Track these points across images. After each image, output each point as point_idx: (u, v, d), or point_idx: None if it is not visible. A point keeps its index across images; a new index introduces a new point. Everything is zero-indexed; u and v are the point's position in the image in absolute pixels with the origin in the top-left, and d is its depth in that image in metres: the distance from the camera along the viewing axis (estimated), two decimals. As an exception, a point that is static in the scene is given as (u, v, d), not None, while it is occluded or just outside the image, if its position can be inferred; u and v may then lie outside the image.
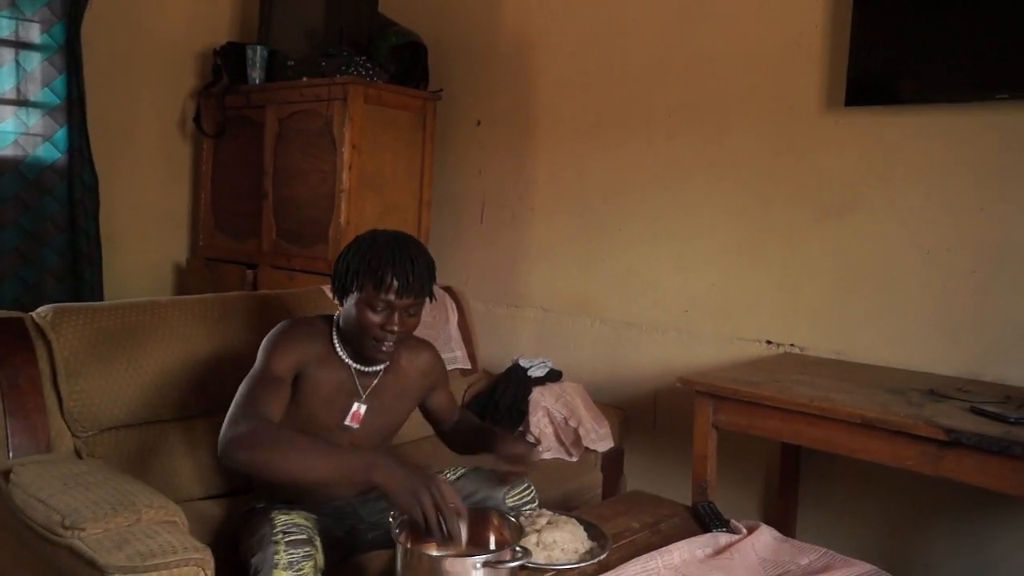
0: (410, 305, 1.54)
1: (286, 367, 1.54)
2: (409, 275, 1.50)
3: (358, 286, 1.52)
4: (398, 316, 1.52)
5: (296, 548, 1.42)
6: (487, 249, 3.22)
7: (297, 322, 1.64)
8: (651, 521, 1.74)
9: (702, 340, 2.61)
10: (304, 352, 1.57)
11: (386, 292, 1.50)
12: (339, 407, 1.63)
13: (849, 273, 2.33)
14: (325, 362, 1.60)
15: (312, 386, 1.59)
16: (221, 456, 1.37)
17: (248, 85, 3.22)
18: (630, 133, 2.79)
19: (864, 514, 2.33)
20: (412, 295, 1.52)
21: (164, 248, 3.56)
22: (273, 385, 1.50)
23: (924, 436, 1.61)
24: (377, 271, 1.50)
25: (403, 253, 1.52)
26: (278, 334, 1.59)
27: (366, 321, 1.52)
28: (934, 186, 2.19)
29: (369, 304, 1.51)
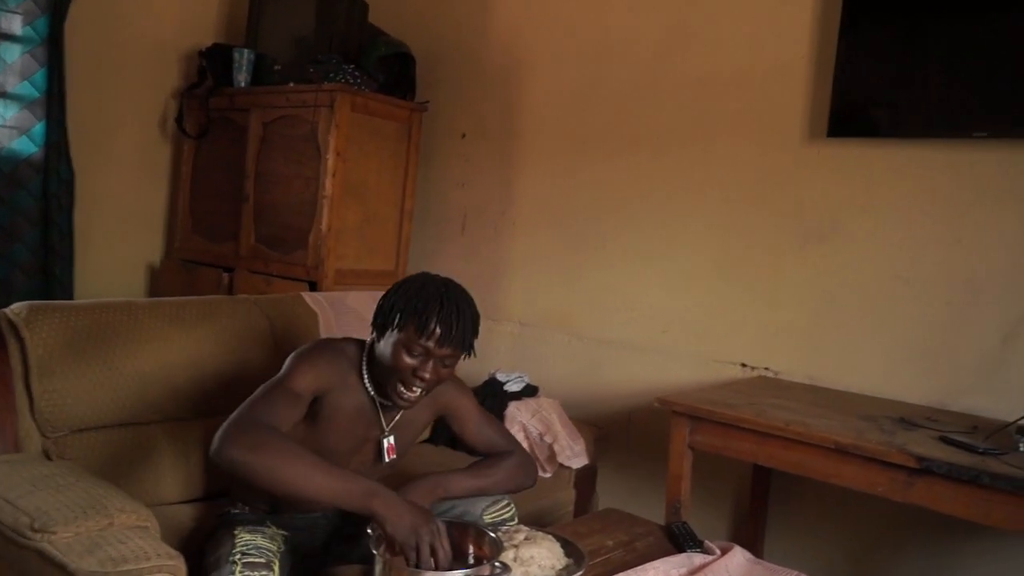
0: (448, 356, 1.50)
1: (308, 385, 1.50)
2: (454, 325, 1.47)
3: (400, 326, 1.48)
4: (432, 364, 1.48)
5: (253, 571, 1.38)
6: (467, 262, 3.22)
7: (330, 343, 1.60)
8: (626, 539, 1.74)
9: (679, 360, 2.64)
10: (331, 375, 1.53)
11: (427, 338, 1.46)
12: (354, 436, 1.60)
13: (826, 300, 2.37)
14: (350, 389, 1.57)
15: (332, 411, 1.55)
16: (214, 453, 1.32)
17: (233, 88, 3.20)
18: (615, 152, 2.82)
19: (831, 538, 2.36)
20: (452, 346, 1.48)
21: (138, 248, 3.51)
22: (289, 397, 1.46)
23: (896, 463, 1.63)
24: (423, 315, 1.46)
25: (451, 302, 1.49)
26: (309, 350, 1.55)
27: (400, 363, 1.48)
28: (912, 218, 2.24)
29: (407, 347, 1.48)
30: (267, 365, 2.05)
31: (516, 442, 1.81)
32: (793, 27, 2.43)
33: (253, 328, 2.10)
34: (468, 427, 1.74)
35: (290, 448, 1.33)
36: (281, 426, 1.40)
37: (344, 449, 1.60)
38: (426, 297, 1.48)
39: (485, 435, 1.75)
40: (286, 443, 1.34)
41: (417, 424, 1.70)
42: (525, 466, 1.74)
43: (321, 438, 1.56)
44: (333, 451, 1.57)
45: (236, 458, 1.31)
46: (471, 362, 2.98)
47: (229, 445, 1.32)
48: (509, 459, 1.71)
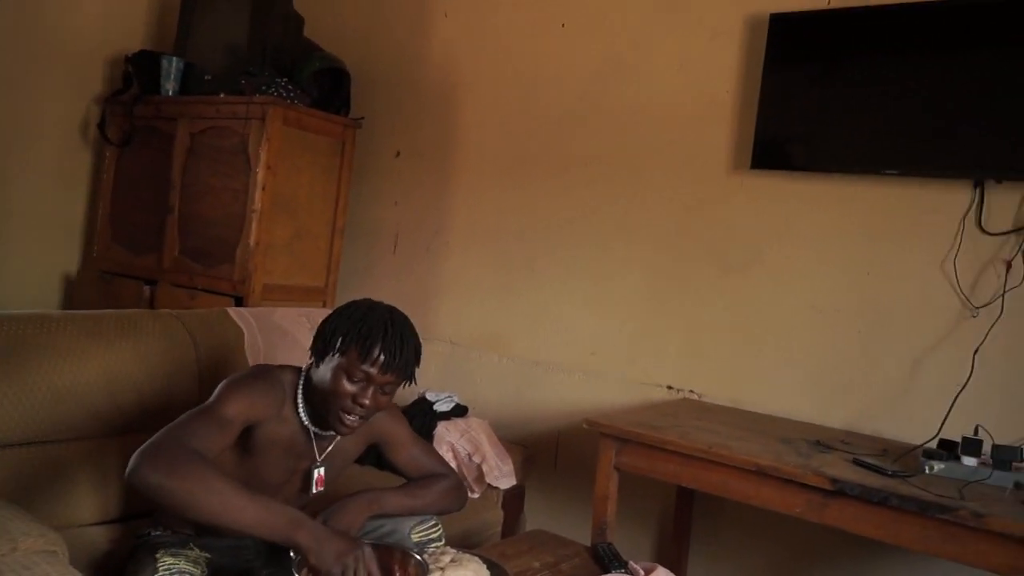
0: (388, 383, 1.48)
1: (239, 413, 1.44)
2: (397, 352, 1.46)
3: (342, 351, 1.46)
4: (373, 392, 1.47)
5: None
6: (399, 280, 3.20)
7: (266, 371, 1.55)
8: (552, 561, 1.75)
9: (607, 382, 2.68)
10: (265, 406, 1.49)
11: (370, 364, 1.44)
12: (285, 468, 1.57)
13: (747, 326, 2.45)
14: (284, 420, 1.53)
15: (264, 442, 1.51)
16: (129, 474, 1.24)
17: (160, 96, 3.12)
18: (548, 176, 2.86)
19: (752, 557, 2.43)
20: (394, 373, 1.47)
21: (54, 257, 3.36)
22: (217, 423, 1.39)
23: (812, 485, 1.70)
24: (367, 341, 1.44)
25: (396, 329, 1.48)
26: (244, 377, 1.50)
27: (340, 389, 1.45)
28: (827, 249, 2.34)
29: (348, 372, 1.45)
30: (190, 383, 1.99)
31: (449, 467, 1.80)
32: (721, 63, 2.52)
33: (176, 344, 2.03)
34: (401, 454, 1.72)
35: (211, 474, 1.26)
36: (207, 452, 1.33)
37: (274, 481, 1.56)
38: (371, 323, 1.46)
39: (419, 462, 1.74)
40: (208, 469, 1.27)
41: (349, 453, 1.68)
42: (458, 490, 1.74)
43: (250, 469, 1.52)
44: (262, 482, 1.53)
45: (152, 482, 1.23)
46: (400, 381, 2.99)
47: (146, 467, 1.24)
48: (443, 482, 1.71)
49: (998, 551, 1.52)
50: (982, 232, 2.12)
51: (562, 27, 2.85)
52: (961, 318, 2.14)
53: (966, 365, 2.07)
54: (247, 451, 1.51)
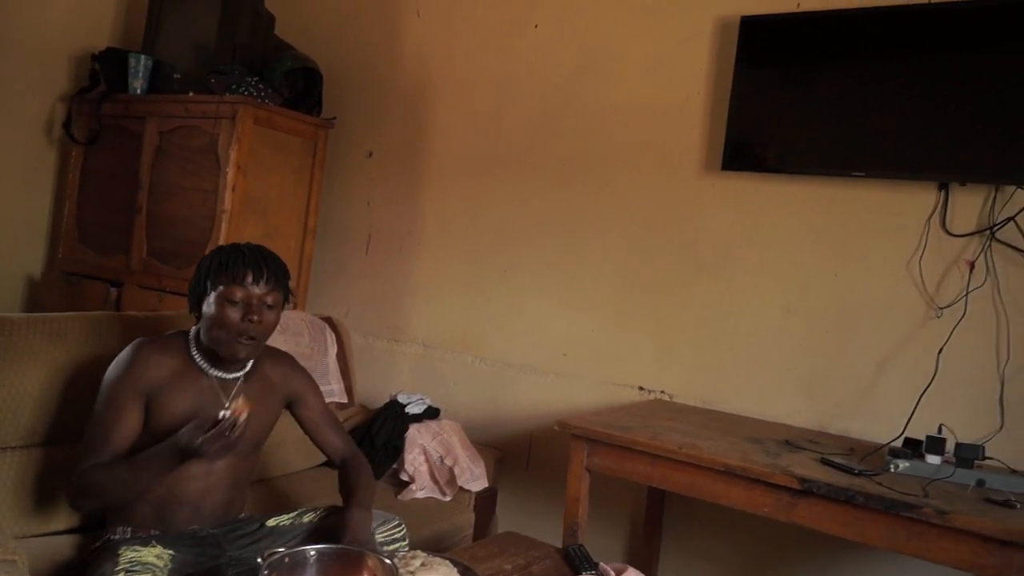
0: (266, 295, 1.59)
1: (130, 395, 1.56)
2: (262, 266, 1.59)
3: (213, 285, 1.58)
4: (256, 306, 1.57)
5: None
6: (371, 281, 3.19)
7: (144, 343, 1.63)
8: (523, 563, 1.75)
9: (579, 383, 2.68)
10: (153, 373, 1.59)
11: (241, 281, 1.56)
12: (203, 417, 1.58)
13: (718, 326, 2.47)
14: (182, 376, 1.62)
15: (170, 402, 1.59)
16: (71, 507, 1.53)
17: (128, 94, 3.07)
18: (521, 178, 2.86)
19: (722, 557, 2.45)
20: (267, 284, 1.59)
21: (15, 258, 3.29)
22: (113, 421, 1.54)
23: (780, 485, 1.71)
24: (228, 265, 1.57)
25: (253, 250, 1.62)
26: (121, 365, 1.60)
27: (226, 317, 1.57)
28: (796, 249, 2.37)
29: (227, 298, 1.57)
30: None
31: (352, 442, 1.88)
32: (692, 65, 2.54)
33: (141, 347, 2.00)
34: (311, 414, 1.81)
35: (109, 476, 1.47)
36: (117, 451, 1.52)
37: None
38: (227, 251, 1.61)
39: (326, 430, 1.82)
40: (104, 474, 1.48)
41: (267, 405, 1.73)
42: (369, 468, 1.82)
43: (167, 429, 1.57)
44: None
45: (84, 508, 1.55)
46: (373, 382, 2.99)
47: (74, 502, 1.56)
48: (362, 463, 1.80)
49: (961, 547, 1.54)
50: (946, 234, 2.15)
51: (535, 28, 2.85)
52: (926, 318, 2.17)
53: (930, 365, 2.10)
54: (160, 415, 1.58)
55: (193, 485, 1.62)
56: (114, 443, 1.52)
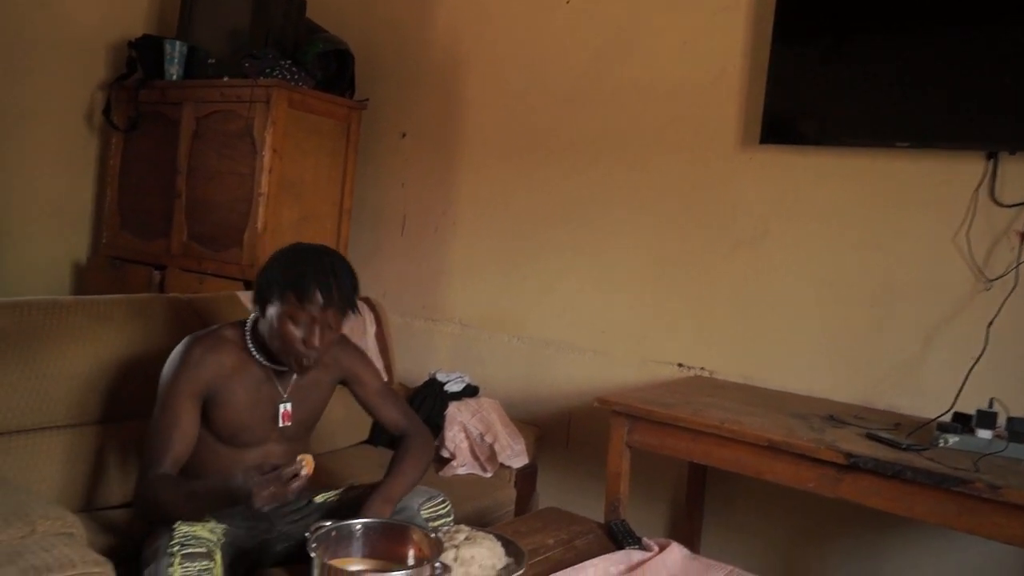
0: (331, 318, 1.54)
1: (188, 396, 1.54)
2: (333, 288, 1.51)
3: (280, 298, 1.52)
4: (319, 330, 1.52)
5: (193, 561, 1.38)
6: (407, 262, 3.20)
7: (197, 341, 1.61)
8: (566, 538, 1.76)
9: (617, 361, 2.67)
10: (210, 372, 1.57)
11: (307, 304, 1.50)
12: (262, 408, 1.63)
13: (757, 302, 2.44)
14: (240, 370, 1.60)
15: (229, 397, 1.58)
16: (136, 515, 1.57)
17: (165, 80, 3.11)
18: (555, 156, 2.84)
19: (765, 532, 2.43)
20: (335, 308, 1.53)
21: (63, 245, 3.37)
22: (171, 426, 1.52)
23: (825, 460, 1.69)
24: (299, 283, 1.50)
25: (325, 267, 1.53)
26: (175, 367, 1.57)
27: (288, 335, 1.52)
28: (837, 223, 2.32)
29: (291, 317, 1.51)
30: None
31: (413, 415, 1.85)
32: (727, 37, 2.49)
33: (187, 328, 2.02)
34: (368, 391, 1.78)
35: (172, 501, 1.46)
36: (178, 460, 1.52)
37: (255, 423, 1.63)
38: (301, 267, 1.52)
39: (385, 405, 1.80)
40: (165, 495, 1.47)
41: (320, 390, 1.73)
42: (426, 442, 1.79)
43: (232, 421, 1.59)
44: (246, 427, 1.61)
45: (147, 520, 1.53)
46: (412, 361, 3.01)
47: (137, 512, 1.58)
48: (414, 444, 1.75)
49: (1014, 523, 1.51)
50: (995, 204, 2.09)
51: (566, 3, 2.82)
52: (974, 291, 2.12)
53: (980, 338, 2.05)
54: (221, 410, 1.58)
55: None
56: (174, 449, 1.51)
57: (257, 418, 1.63)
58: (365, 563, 1.43)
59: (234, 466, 1.60)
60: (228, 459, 1.61)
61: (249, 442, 1.63)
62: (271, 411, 1.64)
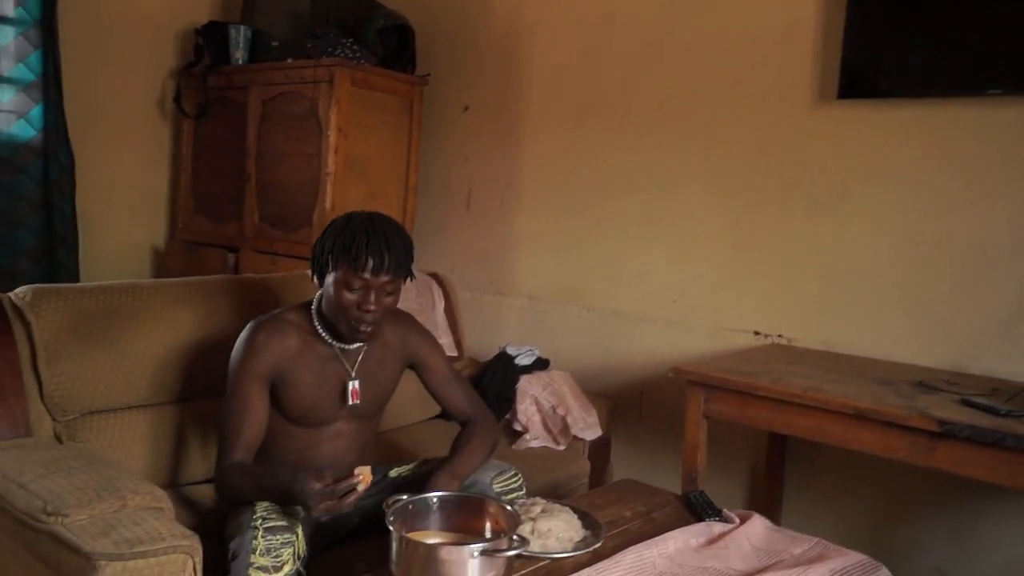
0: (386, 283, 1.55)
1: (255, 382, 1.58)
2: (384, 253, 1.53)
3: (334, 266, 1.55)
4: (375, 295, 1.54)
5: (275, 535, 1.41)
6: (473, 236, 3.19)
7: (260, 326, 1.63)
8: (644, 510, 1.73)
9: (690, 330, 2.61)
10: (274, 356, 1.60)
11: (361, 270, 1.52)
12: (330, 386, 1.65)
13: (838, 265, 2.34)
14: (306, 351, 1.63)
15: (296, 378, 1.61)
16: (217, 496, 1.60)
17: (231, 66, 3.16)
18: (620, 122, 2.77)
19: (848, 503, 2.35)
20: (388, 273, 1.54)
21: (142, 230, 3.48)
22: (242, 411, 1.57)
23: (917, 427, 1.61)
24: (351, 249, 1.52)
25: (377, 232, 1.54)
26: (241, 352, 1.61)
27: (344, 301, 1.54)
28: (924, 180, 2.20)
29: (346, 284, 1.54)
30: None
31: (479, 401, 1.85)
32: (801, -13, 2.37)
33: (261, 307, 2.06)
34: (435, 379, 1.78)
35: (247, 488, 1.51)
36: (251, 445, 1.57)
37: (323, 402, 1.65)
38: (352, 232, 1.53)
39: (451, 391, 1.79)
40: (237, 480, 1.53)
41: (388, 370, 1.74)
42: (492, 427, 1.79)
43: (299, 402, 1.62)
44: (315, 407, 1.63)
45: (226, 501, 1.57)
46: (481, 336, 3.02)
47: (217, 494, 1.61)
48: (480, 426, 1.75)
49: None
50: (1101, 151, 1.95)
51: (629, -37, 2.74)
52: (1078, 246, 1.98)
53: (1084, 296, 1.92)
54: (289, 389, 1.61)
55: (323, 449, 1.67)
56: (245, 435, 1.56)
57: (325, 397, 1.64)
58: (442, 536, 1.43)
59: (307, 446, 1.64)
60: (301, 439, 1.65)
61: (318, 421, 1.65)
62: (338, 390, 1.66)
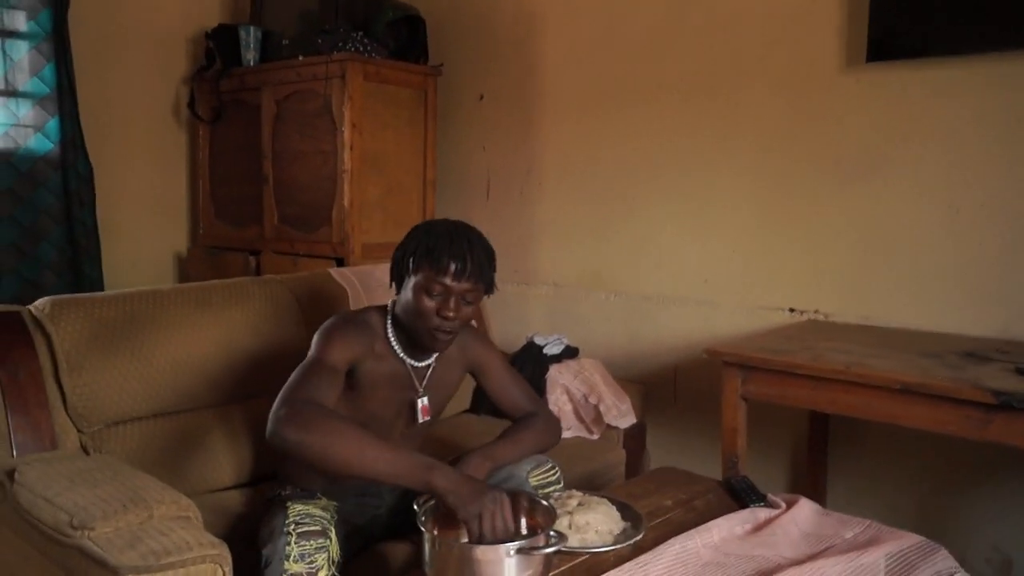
0: (467, 291, 1.48)
1: (340, 357, 1.48)
2: (467, 258, 1.46)
3: (415, 270, 1.48)
4: (454, 302, 1.47)
5: (308, 540, 1.37)
6: (494, 226, 3.12)
7: (351, 316, 1.58)
8: (684, 498, 1.67)
9: (722, 310, 2.54)
10: (360, 346, 1.52)
11: (443, 275, 1.45)
12: (396, 401, 1.60)
13: (874, 236, 2.25)
14: (381, 357, 1.56)
15: (369, 381, 1.54)
16: (270, 435, 1.30)
17: (243, 67, 3.13)
18: (638, 102, 2.70)
19: (896, 482, 2.27)
20: (469, 279, 1.47)
21: (164, 238, 3.48)
22: (327, 373, 1.43)
23: (969, 400, 1.53)
24: (433, 252, 1.46)
25: (460, 237, 1.49)
26: (333, 325, 1.53)
27: (423, 307, 1.47)
28: (962, 143, 2.10)
29: (426, 289, 1.47)
30: (299, 345, 1.97)
31: (540, 402, 1.80)
32: (822, -52, 2.28)
33: (282, 308, 2.04)
34: (494, 382, 1.72)
35: (341, 425, 1.30)
36: (327, 402, 1.38)
37: (386, 415, 1.59)
38: (435, 236, 1.48)
39: (510, 393, 1.73)
40: (337, 420, 1.31)
41: (450, 382, 1.69)
42: (551, 425, 1.73)
43: (362, 407, 1.55)
44: (376, 418, 1.57)
45: (290, 438, 1.28)
46: (507, 327, 2.96)
47: (284, 427, 1.29)
48: (536, 421, 1.69)
49: None
50: None
51: (641, -63, 2.65)
52: None
53: None
54: (355, 391, 1.54)
55: None
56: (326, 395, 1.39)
57: (390, 411, 1.59)
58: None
59: None
60: None
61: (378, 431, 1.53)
62: (404, 407, 1.60)
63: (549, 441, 1.71)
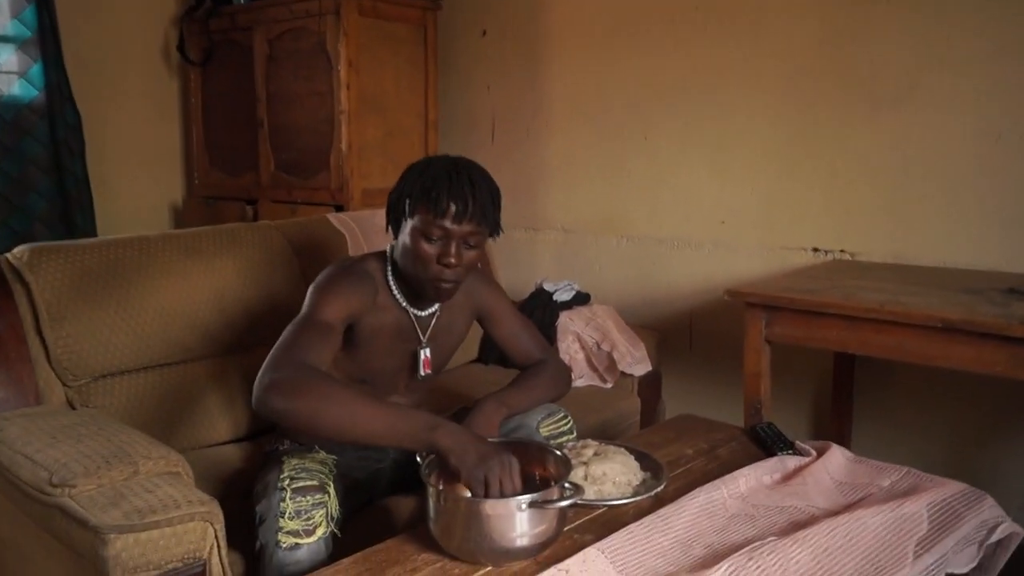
0: (470, 234, 1.35)
1: (336, 314, 1.35)
2: (468, 198, 1.32)
3: (411, 212, 1.35)
4: (455, 246, 1.34)
5: (305, 495, 1.28)
6: (500, 170, 2.93)
7: (349, 266, 1.44)
8: (706, 447, 1.57)
9: (741, 252, 2.41)
10: (358, 299, 1.39)
11: (442, 217, 1.32)
12: (398, 352, 1.49)
13: (906, 168, 2.11)
14: (381, 307, 1.44)
15: (370, 333, 1.43)
16: (256, 404, 1.19)
17: (233, 5, 2.97)
18: (653, 34, 2.53)
19: (926, 427, 2.17)
20: (471, 221, 1.34)
21: (159, 189, 3.35)
22: (321, 331, 1.31)
23: (1018, 337, 1.41)
24: (431, 192, 1.32)
25: (461, 175, 1.35)
26: (328, 279, 1.40)
27: (422, 252, 1.35)
28: (1003, 65, 1.95)
29: (424, 232, 1.34)
30: (295, 294, 1.88)
31: (551, 349, 1.71)
32: None
33: (277, 255, 1.93)
34: (503, 329, 1.62)
35: (332, 389, 1.18)
36: (320, 364, 1.27)
37: (389, 368, 1.49)
38: (433, 174, 1.34)
39: (520, 340, 1.63)
40: (327, 384, 1.20)
41: (456, 330, 1.58)
42: (562, 373, 1.65)
43: (363, 363, 1.45)
44: (378, 373, 1.47)
45: (276, 406, 1.17)
46: (515, 274, 2.84)
47: (269, 394, 1.17)
48: (547, 368, 1.61)
49: None
50: None
51: None
52: None
53: None
54: (355, 346, 1.43)
55: None
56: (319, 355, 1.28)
57: (393, 365, 1.49)
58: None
59: None
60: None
61: (380, 384, 1.48)
62: (407, 359, 1.50)
63: (561, 390, 1.62)
